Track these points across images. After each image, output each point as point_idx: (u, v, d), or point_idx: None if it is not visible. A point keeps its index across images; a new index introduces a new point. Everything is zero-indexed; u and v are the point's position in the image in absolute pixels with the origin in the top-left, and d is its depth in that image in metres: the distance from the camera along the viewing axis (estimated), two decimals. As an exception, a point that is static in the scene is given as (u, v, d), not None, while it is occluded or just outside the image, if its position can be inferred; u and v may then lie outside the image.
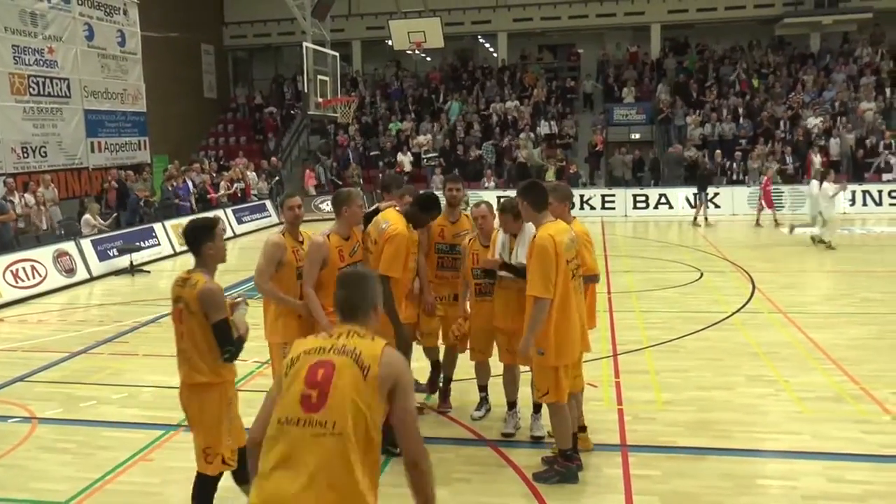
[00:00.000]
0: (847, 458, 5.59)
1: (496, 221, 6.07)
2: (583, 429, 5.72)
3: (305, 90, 19.47)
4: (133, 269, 14.76)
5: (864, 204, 20.85)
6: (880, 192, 21.26)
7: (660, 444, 5.92)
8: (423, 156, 25.67)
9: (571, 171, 22.88)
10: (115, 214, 16.78)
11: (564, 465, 5.33)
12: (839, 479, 5.26)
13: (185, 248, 17.91)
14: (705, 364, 7.90)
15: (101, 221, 15.90)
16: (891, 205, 21.01)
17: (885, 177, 21.95)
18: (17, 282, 12.59)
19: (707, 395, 6.97)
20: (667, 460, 5.62)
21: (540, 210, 5.19)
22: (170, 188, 18.64)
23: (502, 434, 6.11)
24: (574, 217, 5.71)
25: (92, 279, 14.18)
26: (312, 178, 24.50)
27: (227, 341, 4.26)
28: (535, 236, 5.15)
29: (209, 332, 4.25)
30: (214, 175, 22.67)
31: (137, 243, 15.65)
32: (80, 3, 19.04)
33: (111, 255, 14.94)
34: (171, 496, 5.32)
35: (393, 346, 2.99)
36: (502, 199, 6.04)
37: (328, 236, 5.52)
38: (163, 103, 24.21)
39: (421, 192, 6.38)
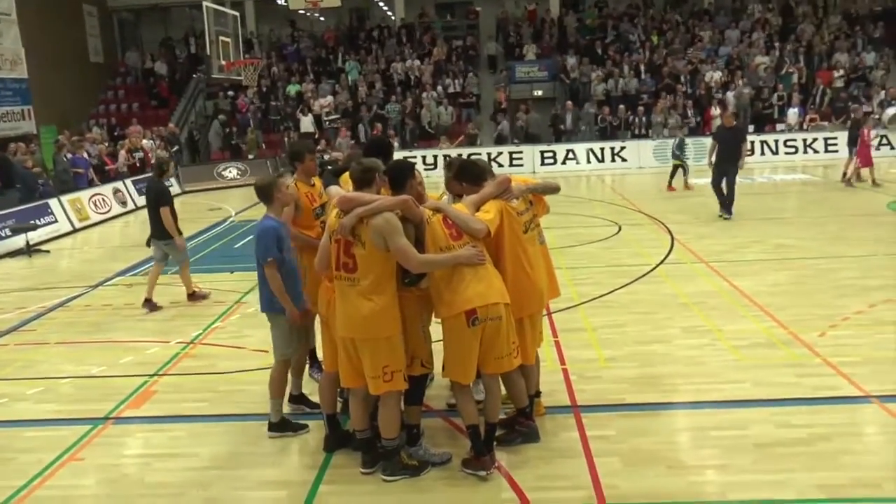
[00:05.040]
0: (788, 402, 5.73)
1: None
2: (538, 394, 5.62)
3: (208, 53, 18.45)
4: (30, 250, 13.72)
5: (763, 153, 21.73)
6: (776, 141, 22.23)
7: (610, 402, 5.91)
8: (325, 118, 25.05)
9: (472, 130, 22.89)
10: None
11: (526, 424, 5.26)
12: (786, 424, 5.38)
13: (84, 223, 16.79)
14: (640, 318, 7.98)
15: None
16: (786, 153, 22.04)
17: (779, 127, 22.90)
18: None
19: (647, 349, 7.03)
20: (620, 419, 5.61)
21: (479, 184, 5.16)
22: (65, 159, 17.40)
23: (449, 405, 5.94)
24: None
25: (-17, 263, 13.14)
26: (346, 135, 23.24)
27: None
28: None
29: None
30: (107, 144, 21.38)
31: (32, 221, 14.56)
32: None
33: (3, 235, 13.86)
34: (107, 497, 4.92)
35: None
36: (448, 159, 5.86)
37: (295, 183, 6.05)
38: (46, 69, 22.53)
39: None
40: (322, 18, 30.50)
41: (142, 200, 19.36)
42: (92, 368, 7.29)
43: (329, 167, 6.30)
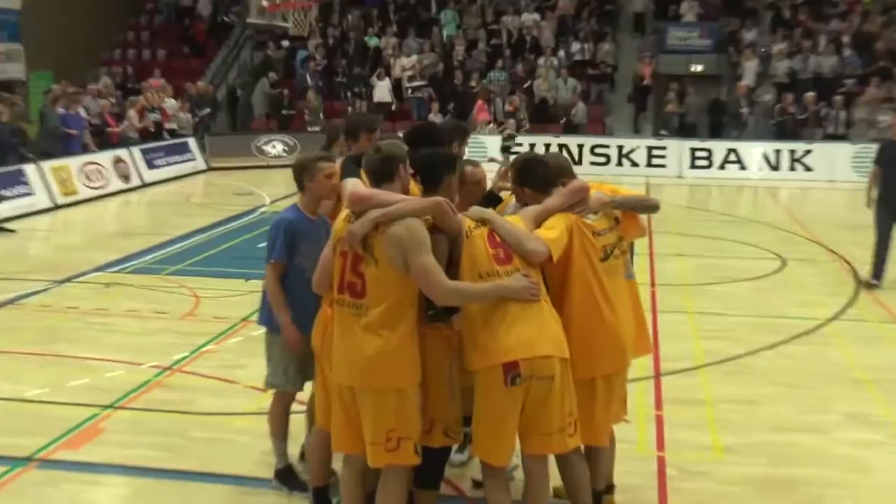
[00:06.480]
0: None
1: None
2: (610, 489, 5.41)
3: (245, -12, 18.96)
4: (-9, 228, 14.46)
5: None
6: None
7: (716, 511, 5.69)
8: (407, 84, 25.36)
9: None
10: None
11: None
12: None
13: (68, 200, 17.48)
14: (784, 393, 7.70)
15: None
16: None
17: None
18: None
19: (785, 439, 6.75)
20: (724, 538, 5.37)
21: (547, 190, 5.05)
22: (57, 115, 18.20)
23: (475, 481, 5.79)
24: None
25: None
26: (485, 110, 23.88)
27: None
28: None
29: None
30: (114, 100, 22.18)
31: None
32: None
33: (-40, 206, 14.66)
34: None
35: None
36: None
37: None
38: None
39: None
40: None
41: (152, 175, 20.11)
42: (29, 390, 7.44)
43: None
